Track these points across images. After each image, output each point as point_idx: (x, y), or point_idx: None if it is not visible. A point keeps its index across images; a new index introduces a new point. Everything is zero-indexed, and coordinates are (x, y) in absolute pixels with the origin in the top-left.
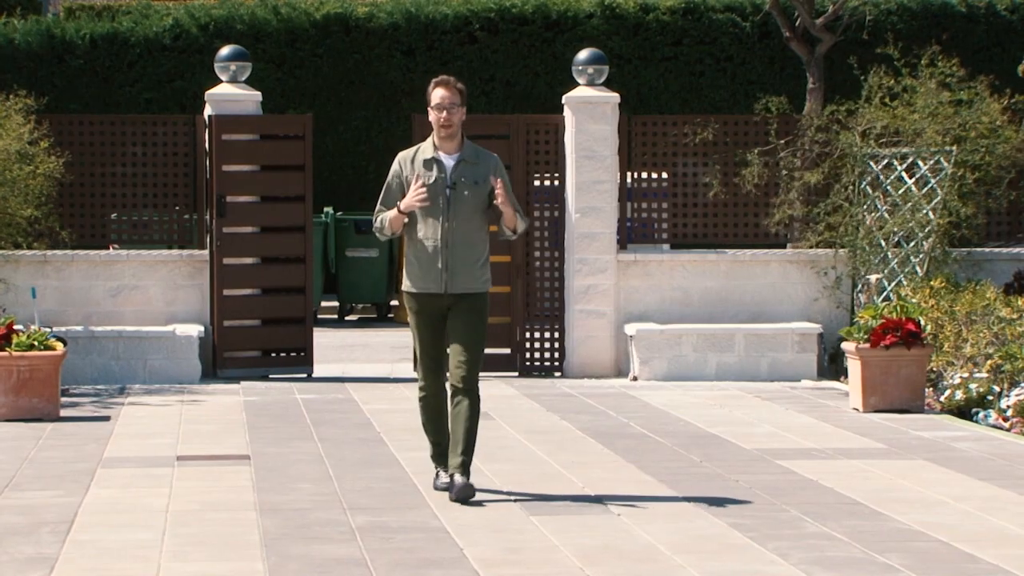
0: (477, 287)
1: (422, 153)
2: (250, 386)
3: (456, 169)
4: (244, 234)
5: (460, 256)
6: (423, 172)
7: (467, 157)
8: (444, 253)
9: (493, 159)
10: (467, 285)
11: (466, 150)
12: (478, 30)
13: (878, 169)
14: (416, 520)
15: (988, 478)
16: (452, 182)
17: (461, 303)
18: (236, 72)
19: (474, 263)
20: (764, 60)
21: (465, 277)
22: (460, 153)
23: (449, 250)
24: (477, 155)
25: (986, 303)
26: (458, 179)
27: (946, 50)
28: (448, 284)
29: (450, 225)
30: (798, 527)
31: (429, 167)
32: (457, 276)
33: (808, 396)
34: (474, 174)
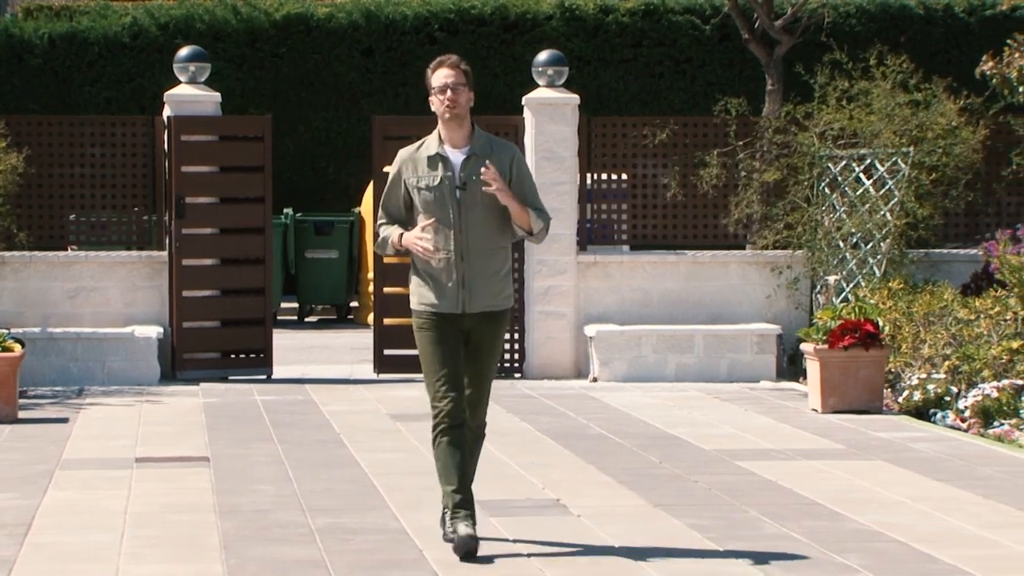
0: (500, 304)
1: (426, 149)
2: (209, 387)
3: (467, 165)
4: (203, 235)
5: (478, 269)
6: (427, 174)
7: (479, 150)
8: (460, 267)
9: (510, 150)
10: (488, 303)
11: (477, 142)
12: (437, 31)
13: (836, 170)
14: (376, 522)
15: (946, 479)
16: (462, 182)
17: (481, 326)
18: (195, 72)
19: (494, 276)
20: (723, 62)
21: (485, 294)
22: (470, 146)
23: (465, 263)
24: (491, 146)
25: (944, 304)
26: (469, 177)
27: (904, 51)
28: (467, 303)
29: (464, 233)
30: (757, 527)
31: (434, 165)
32: (476, 293)
33: (767, 397)
34: None
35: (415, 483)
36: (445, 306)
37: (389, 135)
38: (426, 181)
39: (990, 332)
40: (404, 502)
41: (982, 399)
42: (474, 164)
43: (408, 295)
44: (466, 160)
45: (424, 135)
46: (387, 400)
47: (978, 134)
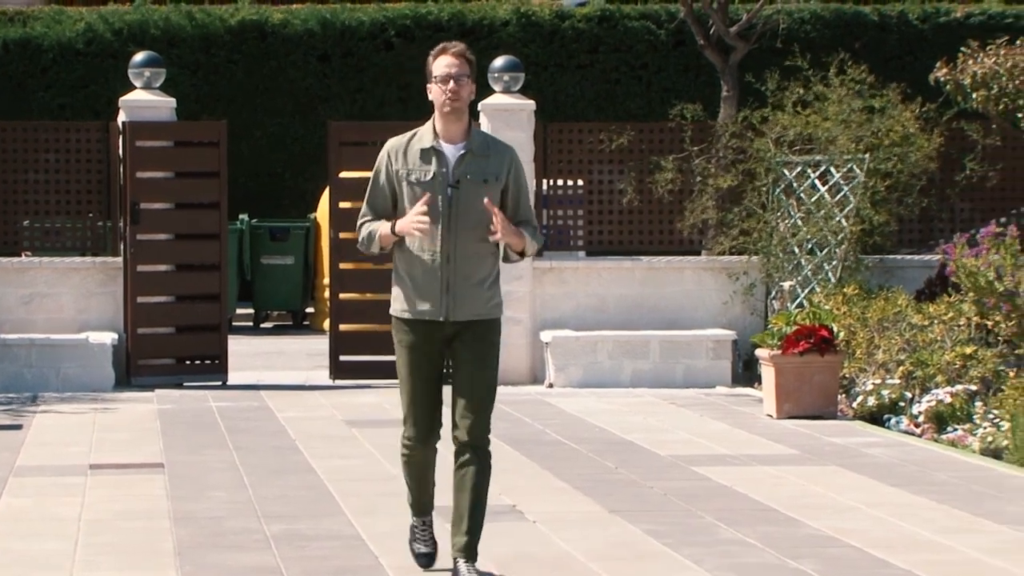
0: (487, 313)
1: (419, 141)
2: (164, 394)
3: (461, 163)
4: (158, 241)
5: (466, 274)
6: (419, 167)
7: (475, 148)
8: (446, 270)
9: (508, 152)
10: (475, 310)
11: (474, 139)
12: (394, 37)
13: (791, 176)
14: (331, 528)
15: (900, 484)
16: (455, 179)
17: (466, 333)
18: (150, 78)
19: (481, 282)
20: (679, 68)
21: (472, 300)
22: (467, 142)
23: (452, 266)
24: (488, 146)
25: (898, 310)
26: (463, 175)
27: (859, 58)
28: (451, 309)
29: (452, 234)
30: (712, 533)
31: (427, 159)
32: (462, 299)
33: (722, 402)
34: (483, 170)
35: (371, 489)
36: (427, 313)
37: (345, 141)
38: (417, 175)
39: (944, 338)
40: (360, 508)
41: (936, 404)
42: (469, 162)
43: (363, 300)
44: (461, 157)
45: (381, 140)
46: (343, 406)
47: (933, 142)
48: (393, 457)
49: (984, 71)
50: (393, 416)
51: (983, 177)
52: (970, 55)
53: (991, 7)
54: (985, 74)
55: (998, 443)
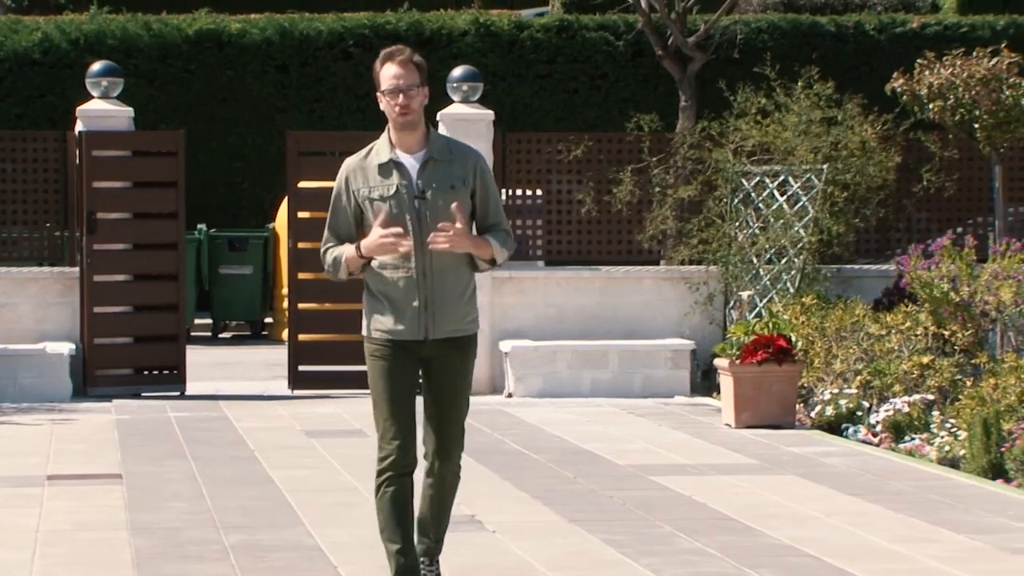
0: (466, 328)
1: (376, 155)
2: (122, 404)
3: (424, 172)
4: (116, 251)
5: (443, 288)
6: (381, 183)
7: (437, 154)
8: (422, 287)
9: (472, 154)
10: (454, 327)
11: (434, 145)
12: (352, 47)
13: (750, 186)
14: (290, 538)
15: (858, 493)
16: (421, 190)
17: (445, 352)
18: (108, 88)
19: (460, 296)
20: (637, 78)
21: (451, 317)
22: (426, 150)
23: (428, 281)
24: (450, 150)
25: (855, 319)
26: (428, 185)
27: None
28: (430, 328)
29: (426, 248)
30: (671, 543)
31: (387, 173)
32: (441, 316)
33: (681, 412)
34: (449, 176)
35: (329, 499)
36: (404, 332)
37: (303, 150)
38: (379, 191)
39: (901, 347)
40: (318, 519)
41: (893, 414)
42: (432, 169)
43: (321, 310)
44: (423, 165)
45: (340, 150)
46: (301, 416)
47: (891, 157)
48: (351, 467)
49: (940, 82)
50: (352, 426)
51: (940, 188)
52: (926, 66)
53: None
54: (941, 85)
55: (955, 452)
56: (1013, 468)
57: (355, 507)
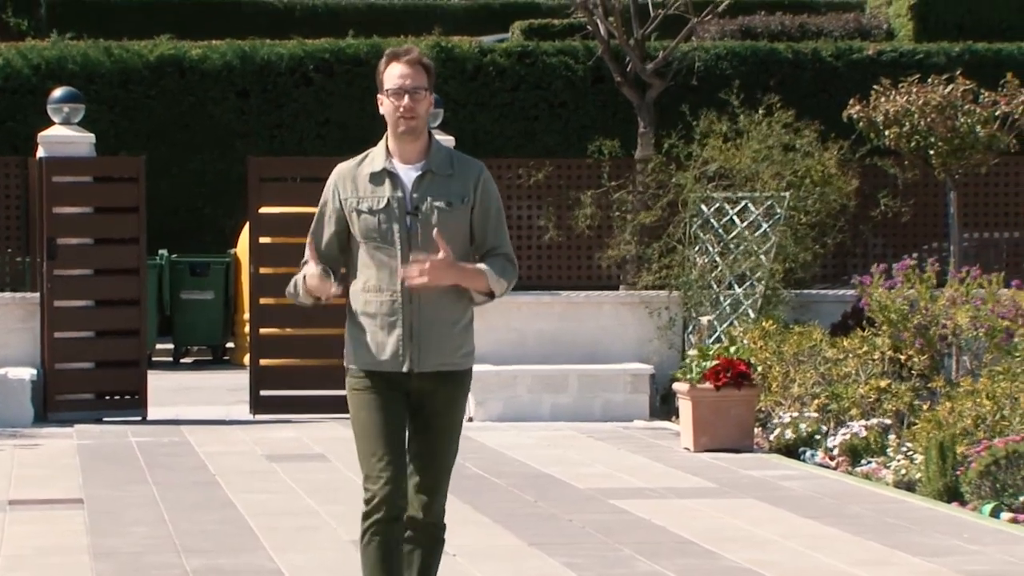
0: (458, 363)
1: (370, 163)
2: (84, 429)
3: (421, 185)
4: (77, 276)
5: (432, 316)
6: (370, 194)
7: (436, 167)
8: (408, 313)
9: (476, 170)
10: (443, 360)
11: (435, 157)
12: (313, 72)
13: (710, 212)
14: (251, 562)
15: (815, 516)
16: (414, 205)
17: (433, 389)
18: (69, 114)
19: (452, 326)
20: (597, 104)
21: (440, 349)
22: (426, 161)
23: (415, 307)
24: (451, 163)
25: (813, 344)
26: (422, 200)
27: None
28: (415, 359)
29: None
30: (631, 566)
31: (379, 183)
32: (428, 348)
33: (640, 436)
34: (446, 191)
35: (291, 524)
36: (386, 364)
37: (265, 176)
38: (369, 203)
39: (858, 371)
40: (280, 543)
41: (850, 438)
42: (429, 183)
43: (283, 335)
44: (420, 178)
45: (301, 176)
46: (263, 441)
47: (851, 183)
48: (313, 491)
49: (896, 109)
50: (313, 451)
51: (896, 213)
52: (882, 93)
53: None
54: (897, 112)
55: (911, 476)
56: (968, 491)
57: (316, 531)
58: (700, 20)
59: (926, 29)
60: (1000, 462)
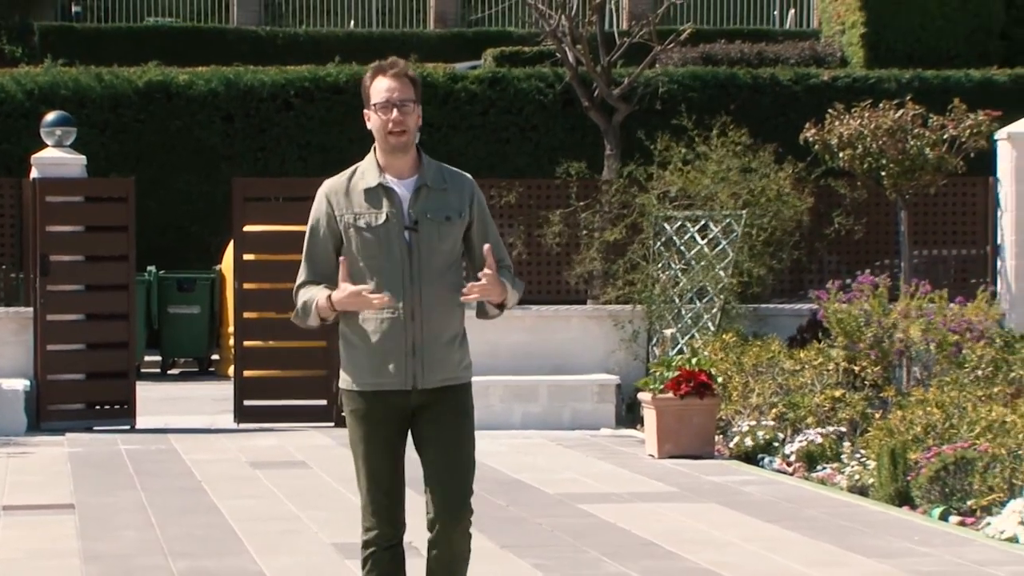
0: (460, 376)
1: (361, 178)
2: (75, 438)
3: (416, 200)
4: (69, 292)
5: (434, 331)
6: (368, 210)
7: (431, 181)
8: (411, 329)
9: (468, 183)
10: (445, 374)
11: (427, 171)
12: (294, 97)
13: (672, 230)
14: (235, 565)
15: (773, 520)
16: (413, 220)
17: (436, 405)
18: (61, 136)
19: (452, 340)
20: (566, 128)
21: (443, 364)
22: (418, 176)
23: (418, 324)
24: (444, 177)
25: (771, 355)
26: (421, 215)
27: (735, 118)
28: (418, 376)
29: (416, 285)
30: (597, 567)
31: (375, 200)
32: (431, 363)
33: (607, 443)
34: (444, 206)
35: (273, 528)
36: (389, 382)
37: (248, 196)
38: (366, 219)
39: (814, 382)
40: (263, 546)
41: (806, 445)
42: (426, 198)
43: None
44: (416, 193)
45: (283, 196)
46: (247, 449)
47: (805, 201)
48: (294, 497)
49: (850, 132)
50: (295, 458)
51: (850, 231)
52: (837, 117)
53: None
54: (851, 135)
55: (864, 481)
56: (919, 496)
57: (297, 535)
58: (663, 48)
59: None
60: (949, 468)
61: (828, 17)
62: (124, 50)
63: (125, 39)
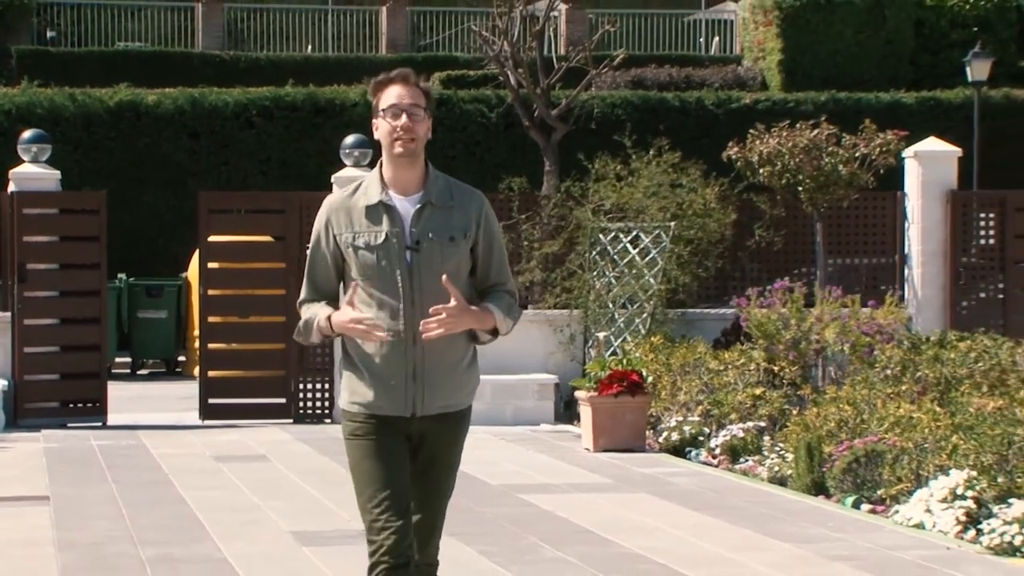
0: (461, 401)
1: (364, 194)
2: (50, 434)
3: (420, 218)
4: (44, 298)
5: (437, 356)
6: (367, 229)
7: (436, 198)
8: (412, 354)
9: (477, 200)
10: (449, 400)
11: (433, 186)
12: (255, 116)
13: (606, 241)
14: (200, 552)
15: (699, 508)
16: (415, 240)
17: (435, 431)
18: (37, 153)
19: (456, 366)
20: (508, 146)
21: (445, 389)
22: (424, 192)
23: (419, 348)
24: (451, 194)
25: (697, 356)
26: (423, 234)
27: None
28: (418, 403)
29: (417, 308)
30: (537, 553)
31: (376, 217)
32: (433, 389)
33: (546, 438)
34: (448, 225)
35: (236, 518)
36: (389, 407)
37: (213, 208)
38: (365, 238)
39: (736, 381)
40: (226, 534)
41: (730, 439)
42: (429, 216)
43: (229, 350)
44: (419, 211)
45: (246, 208)
46: (211, 444)
47: (728, 215)
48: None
49: (769, 150)
50: (256, 452)
51: (769, 242)
52: (757, 136)
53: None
54: (770, 153)
55: (783, 472)
56: (833, 486)
57: (259, 524)
58: (598, 72)
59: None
60: (860, 460)
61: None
62: (96, 72)
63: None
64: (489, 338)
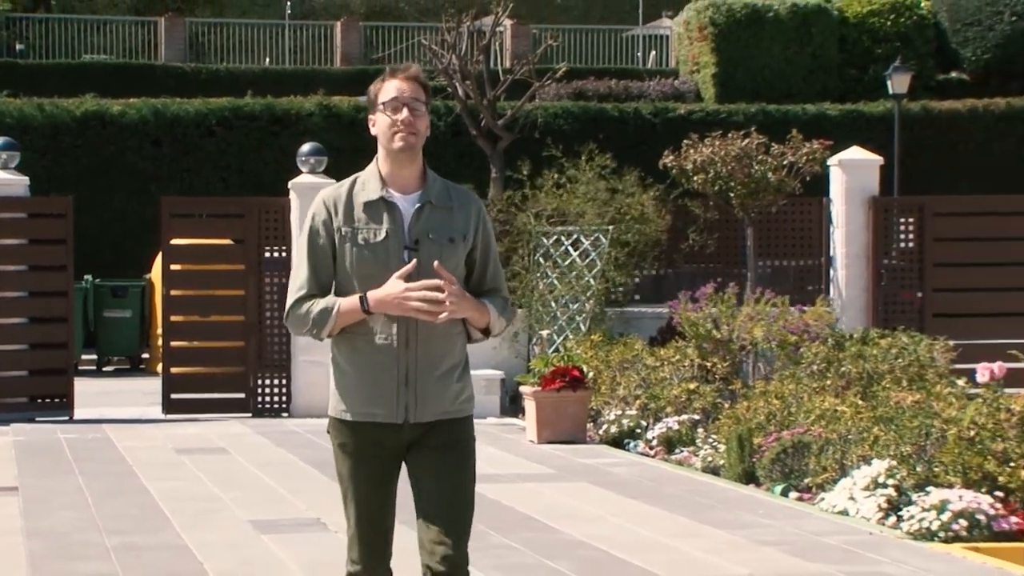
0: (459, 409)
1: (362, 189)
2: (19, 427)
3: (420, 217)
4: (13, 298)
5: (431, 361)
6: (367, 226)
7: (435, 198)
8: (404, 357)
9: (475, 203)
10: (442, 408)
11: (432, 187)
12: (215, 125)
13: (548, 244)
14: (163, 540)
15: (638, 496)
16: (414, 240)
17: (432, 439)
18: (7, 160)
19: (450, 371)
20: (455, 154)
21: (439, 395)
22: (423, 191)
23: (412, 352)
24: (450, 195)
25: (635, 353)
26: (422, 234)
27: (602, 146)
28: (411, 409)
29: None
30: (484, 539)
31: (376, 214)
32: (426, 395)
33: (493, 431)
34: (447, 226)
35: (196, 507)
36: (380, 414)
37: (175, 213)
38: (365, 235)
39: (672, 376)
40: (187, 523)
41: (666, 431)
42: (429, 216)
43: (191, 347)
44: (419, 210)
45: (206, 212)
46: (173, 437)
47: (664, 219)
48: (216, 479)
49: (703, 158)
50: (216, 444)
51: (703, 245)
52: (692, 145)
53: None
54: (704, 161)
55: (716, 462)
56: (763, 475)
57: (218, 513)
58: (541, 84)
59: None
60: (788, 451)
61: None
62: (63, 83)
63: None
64: (481, 337)
